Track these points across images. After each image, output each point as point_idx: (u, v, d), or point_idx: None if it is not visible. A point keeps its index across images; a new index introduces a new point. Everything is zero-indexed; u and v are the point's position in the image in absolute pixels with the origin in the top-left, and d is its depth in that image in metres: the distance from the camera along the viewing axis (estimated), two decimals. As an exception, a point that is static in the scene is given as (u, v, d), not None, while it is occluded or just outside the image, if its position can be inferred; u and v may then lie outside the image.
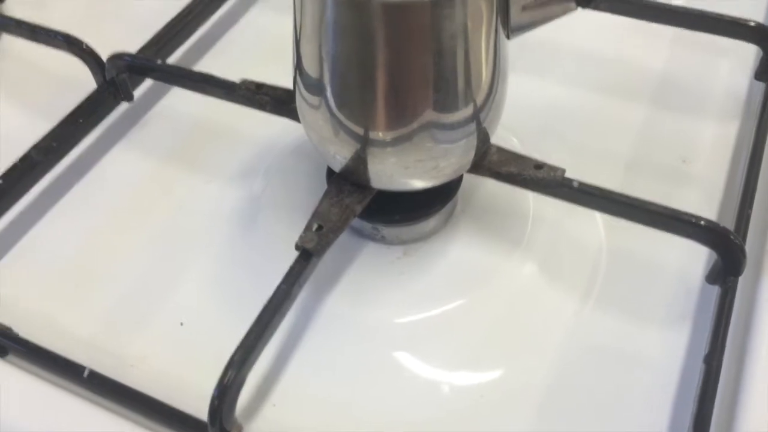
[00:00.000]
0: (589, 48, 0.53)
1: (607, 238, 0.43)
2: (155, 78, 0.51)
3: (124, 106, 0.51)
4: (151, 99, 0.52)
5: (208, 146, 0.49)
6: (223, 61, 0.54)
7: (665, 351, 0.38)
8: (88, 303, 0.41)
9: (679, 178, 0.46)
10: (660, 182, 0.46)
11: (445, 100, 0.35)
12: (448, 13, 0.33)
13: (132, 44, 0.51)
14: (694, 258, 0.41)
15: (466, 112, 0.36)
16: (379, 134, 0.36)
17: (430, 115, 0.35)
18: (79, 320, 0.41)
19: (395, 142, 0.36)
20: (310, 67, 0.36)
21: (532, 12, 0.35)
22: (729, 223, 0.40)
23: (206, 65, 0.54)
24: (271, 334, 0.36)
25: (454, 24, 0.33)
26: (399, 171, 0.38)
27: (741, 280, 0.38)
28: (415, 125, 0.35)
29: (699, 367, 0.36)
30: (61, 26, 0.50)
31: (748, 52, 0.51)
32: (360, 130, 0.36)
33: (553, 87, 0.51)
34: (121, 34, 0.54)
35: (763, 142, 0.45)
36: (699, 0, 0.50)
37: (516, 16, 0.35)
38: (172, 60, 0.53)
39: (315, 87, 0.36)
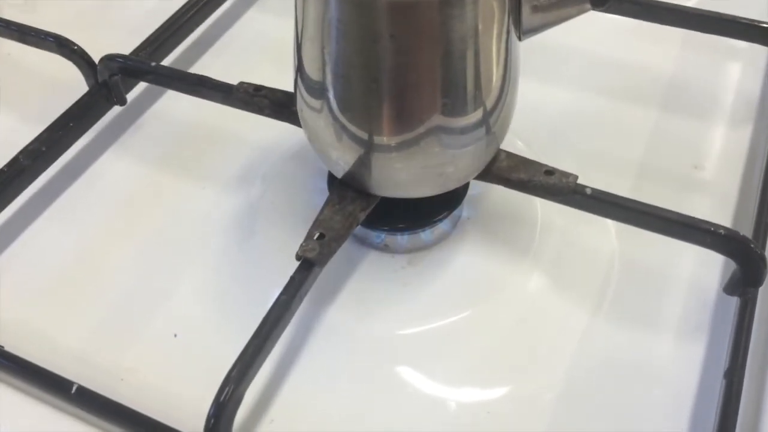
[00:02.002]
0: (599, 51, 0.52)
1: (619, 246, 0.42)
2: (149, 81, 0.49)
3: (116, 109, 0.50)
4: (145, 102, 0.51)
5: (203, 151, 0.48)
6: (220, 63, 0.53)
7: (682, 365, 0.37)
8: (78, 313, 0.40)
9: (690, 185, 0.45)
10: (671, 189, 0.44)
11: (454, 104, 0.34)
12: (458, 12, 0.31)
13: (125, 46, 0.50)
14: (709, 267, 0.40)
15: (476, 116, 0.35)
16: (384, 139, 0.35)
17: (437, 119, 0.34)
18: (69, 331, 0.39)
19: (401, 147, 0.35)
20: (312, 69, 0.35)
21: (545, 12, 0.34)
22: (746, 232, 0.39)
23: (202, 67, 0.53)
24: (271, 348, 0.35)
25: (464, 24, 0.32)
26: (404, 178, 0.37)
27: (761, 290, 0.37)
28: (421, 130, 0.34)
29: (718, 383, 0.35)
30: (52, 28, 0.49)
31: (760, 54, 0.50)
32: (364, 135, 0.35)
33: (561, 91, 0.50)
34: (114, 36, 0.53)
35: (779, 146, 0.44)
36: (710, 1, 0.49)
37: (528, 16, 0.34)
38: (167, 62, 0.52)
39: (317, 90, 0.35)
